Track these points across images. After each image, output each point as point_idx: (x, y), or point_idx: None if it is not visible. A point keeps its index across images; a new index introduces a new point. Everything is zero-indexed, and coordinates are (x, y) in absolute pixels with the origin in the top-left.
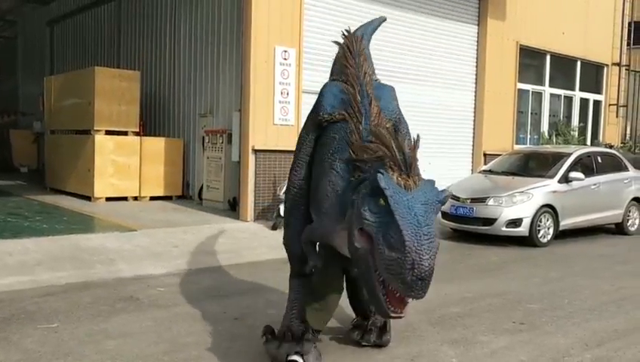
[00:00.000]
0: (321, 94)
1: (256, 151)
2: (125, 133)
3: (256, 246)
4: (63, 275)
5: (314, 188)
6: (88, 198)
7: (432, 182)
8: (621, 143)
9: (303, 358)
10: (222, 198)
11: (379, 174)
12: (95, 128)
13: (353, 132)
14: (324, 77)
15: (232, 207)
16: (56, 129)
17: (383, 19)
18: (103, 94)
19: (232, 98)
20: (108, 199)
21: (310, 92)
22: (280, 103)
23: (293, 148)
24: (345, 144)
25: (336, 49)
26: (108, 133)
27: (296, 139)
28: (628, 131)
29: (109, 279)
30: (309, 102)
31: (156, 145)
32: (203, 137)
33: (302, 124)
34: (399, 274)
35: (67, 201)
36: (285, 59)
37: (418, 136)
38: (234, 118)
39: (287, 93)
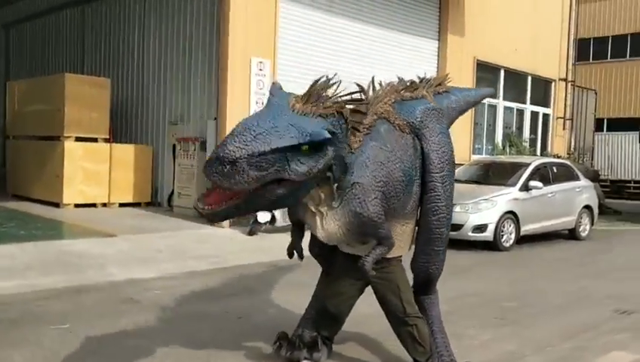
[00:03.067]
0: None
1: None
2: (95, 140)
3: (238, 250)
4: (57, 279)
5: None
6: (56, 205)
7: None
8: (567, 154)
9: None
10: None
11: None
12: (65, 135)
13: None
14: (296, 89)
15: None
16: (20, 135)
17: None
18: (73, 101)
19: (203, 106)
20: (77, 206)
21: None
22: None
23: None
24: None
25: (306, 61)
26: (78, 139)
27: None
28: (572, 143)
29: (104, 282)
30: None
31: (126, 151)
32: (174, 145)
33: None
34: None
35: (34, 208)
36: (261, 70)
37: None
38: (209, 127)
39: (262, 104)
